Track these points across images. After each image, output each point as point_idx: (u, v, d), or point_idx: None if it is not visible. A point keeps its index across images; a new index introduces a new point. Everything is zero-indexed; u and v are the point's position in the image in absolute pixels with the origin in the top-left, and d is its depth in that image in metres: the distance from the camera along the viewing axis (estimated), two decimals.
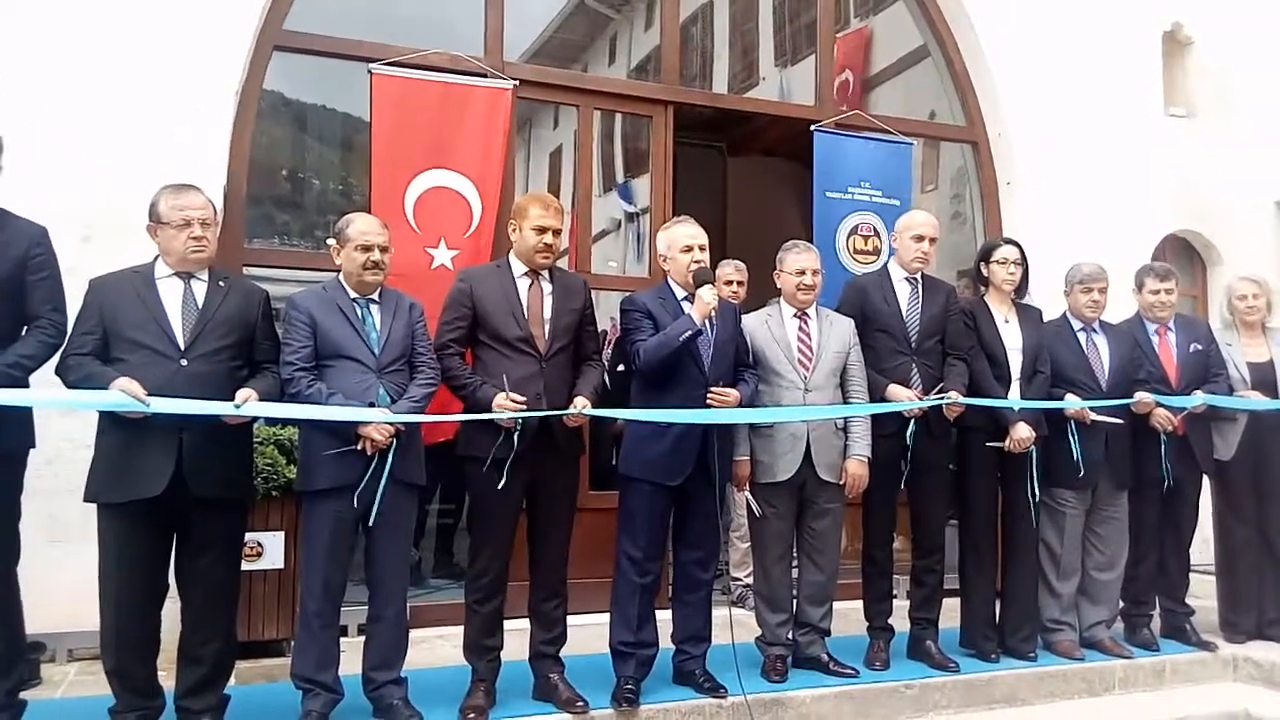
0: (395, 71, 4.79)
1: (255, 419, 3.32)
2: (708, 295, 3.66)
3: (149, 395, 2.96)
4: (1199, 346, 4.71)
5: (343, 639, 3.71)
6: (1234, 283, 5.05)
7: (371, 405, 3.27)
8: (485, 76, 5.02)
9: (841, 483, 4.05)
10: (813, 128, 5.67)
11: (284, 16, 4.88)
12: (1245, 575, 4.77)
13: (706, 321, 3.70)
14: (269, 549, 4.12)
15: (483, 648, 3.59)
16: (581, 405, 3.54)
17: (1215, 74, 6.90)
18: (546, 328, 3.65)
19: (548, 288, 3.71)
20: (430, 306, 3.76)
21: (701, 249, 3.83)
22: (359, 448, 3.24)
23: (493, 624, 3.60)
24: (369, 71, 4.74)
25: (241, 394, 3.11)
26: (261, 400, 3.16)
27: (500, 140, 4.95)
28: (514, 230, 3.73)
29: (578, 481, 3.84)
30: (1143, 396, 4.44)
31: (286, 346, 3.33)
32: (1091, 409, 4.35)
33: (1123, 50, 6.54)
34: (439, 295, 3.78)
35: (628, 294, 4.06)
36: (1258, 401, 4.66)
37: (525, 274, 3.70)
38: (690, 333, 3.64)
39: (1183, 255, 6.93)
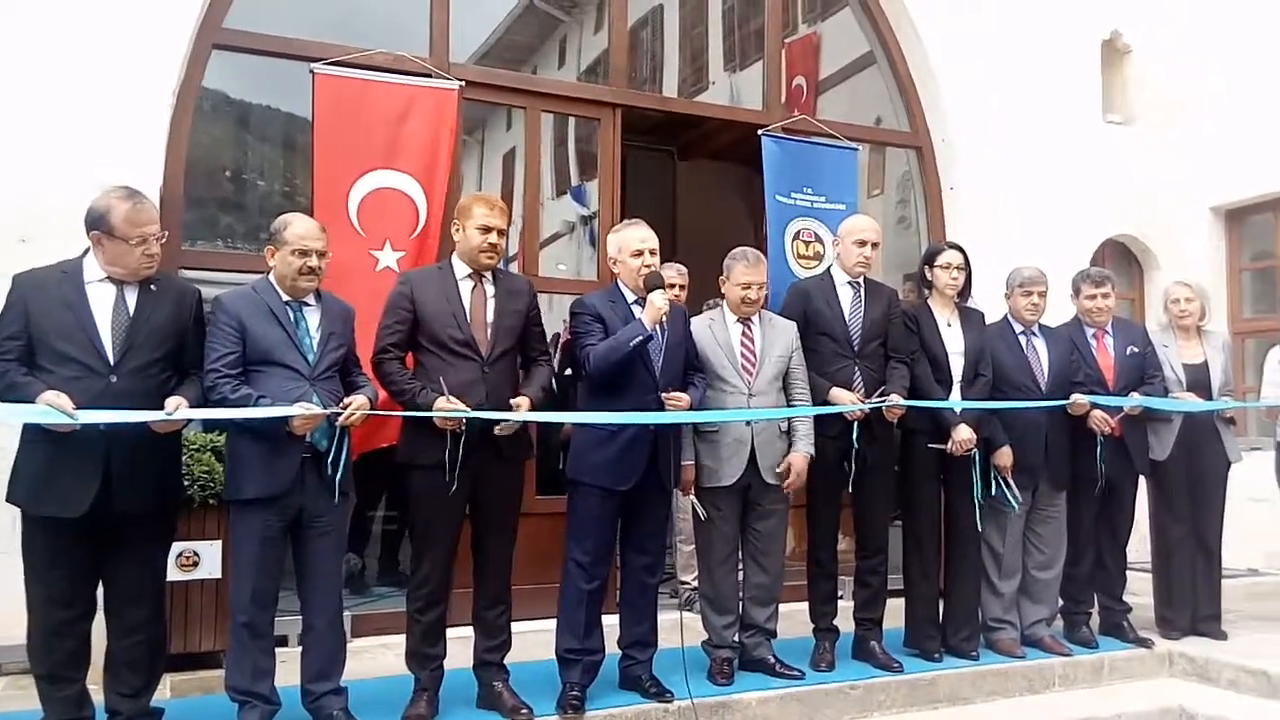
0: (338, 71, 4.72)
1: (184, 425, 3.24)
2: (659, 300, 3.66)
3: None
4: (1135, 349, 4.80)
5: (283, 649, 3.66)
6: (1170, 287, 5.16)
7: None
8: (430, 77, 4.97)
9: (781, 471, 4.04)
10: (760, 133, 5.69)
11: (224, 15, 4.79)
12: (1179, 573, 4.88)
13: (657, 326, 3.69)
14: (205, 558, 4.02)
15: (425, 656, 3.55)
16: (526, 406, 3.50)
17: (1152, 82, 7.07)
18: (489, 331, 3.61)
19: (490, 290, 3.68)
20: (374, 309, 3.71)
21: (652, 252, 3.82)
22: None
23: (435, 633, 3.55)
24: (311, 71, 4.67)
25: (171, 401, 3.03)
26: (192, 407, 3.09)
27: (447, 141, 4.90)
28: (457, 230, 3.70)
29: (523, 487, 3.80)
30: (1078, 398, 4.51)
31: (210, 351, 3.21)
32: (1030, 409, 4.42)
33: (1062, 58, 6.68)
34: (383, 298, 3.72)
35: (578, 296, 4.05)
36: (1192, 403, 4.77)
37: (468, 276, 3.67)
38: (641, 338, 3.63)
39: (1121, 259, 7.08)
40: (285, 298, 3.34)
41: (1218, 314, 6.22)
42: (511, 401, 3.53)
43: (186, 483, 3.82)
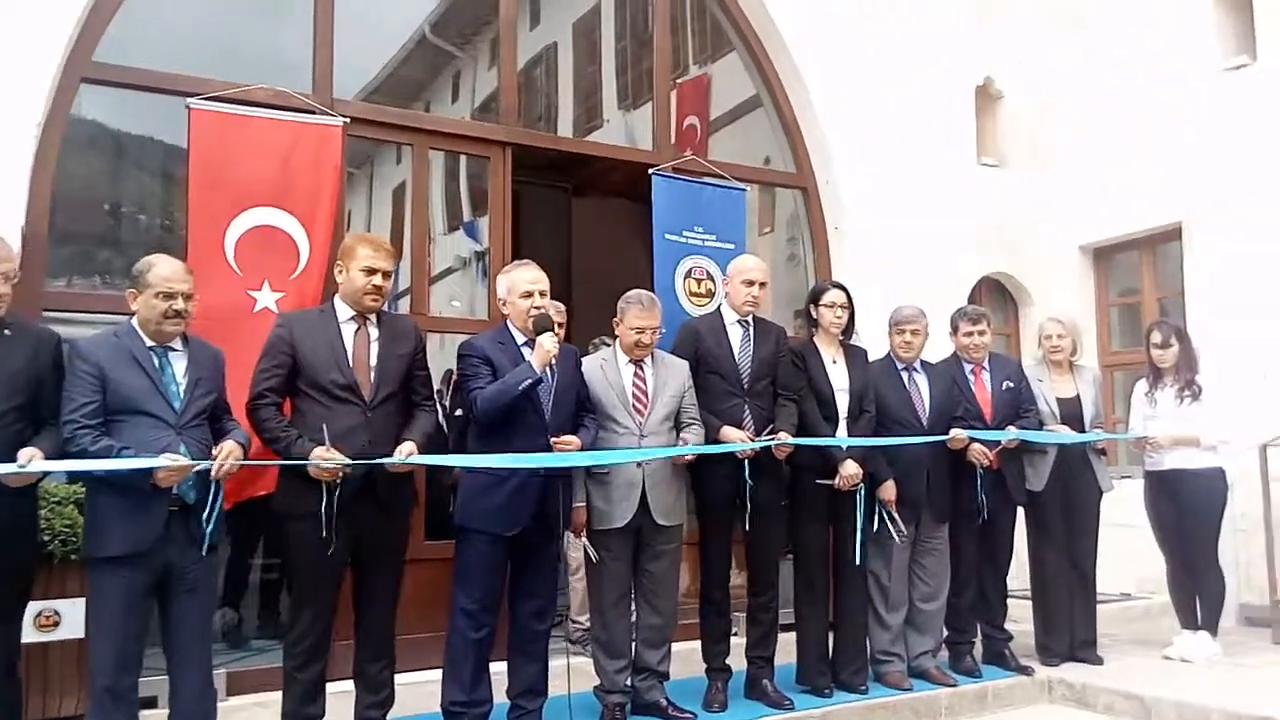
0: (215, 107, 4.57)
1: (39, 480, 3.05)
2: (549, 343, 3.64)
3: None
4: (1011, 384, 4.99)
5: (150, 710, 3.46)
6: (1043, 323, 5.40)
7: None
8: (314, 114, 4.86)
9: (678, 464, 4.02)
10: (650, 172, 5.75)
11: (94, 47, 4.60)
12: (1057, 600, 5.06)
13: (547, 369, 3.66)
14: (67, 617, 3.78)
15: (303, 716, 3.40)
16: (407, 452, 3.42)
17: (1023, 127, 7.41)
18: (372, 374, 3.53)
19: (374, 333, 3.60)
20: (252, 352, 3.58)
21: (542, 294, 3.80)
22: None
23: (313, 691, 3.42)
24: (186, 106, 4.52)
25: (25, 453, 2.86)
26: (48, 459, 2.91)
27: (330, 179, 4.78)
28: (341, 271, 3.62)
29: (407, 537, 3.70)
30: (957, 433, 4.65)
31: (68, 401, 3.03)
32: (915, 444, 4.54)
33: (939, 103, 6.94)
34: (262, 340, 3.60)
35: (465, 338, 3.99)
36: (1065, 435, 4.97)
37: (351, 318, 3.59)
38: (530, 381, 3.60)
39: (997, 296, 7.37)
40: (149, 343, 3.18)
41: (1088, 348, 6.51)
42: (400, 447, 3.44)
43: (47, 537, 3.62)
